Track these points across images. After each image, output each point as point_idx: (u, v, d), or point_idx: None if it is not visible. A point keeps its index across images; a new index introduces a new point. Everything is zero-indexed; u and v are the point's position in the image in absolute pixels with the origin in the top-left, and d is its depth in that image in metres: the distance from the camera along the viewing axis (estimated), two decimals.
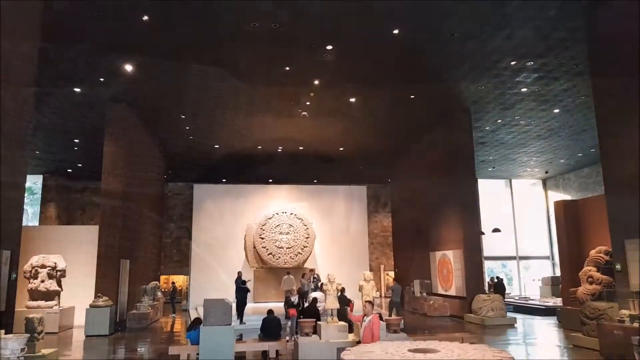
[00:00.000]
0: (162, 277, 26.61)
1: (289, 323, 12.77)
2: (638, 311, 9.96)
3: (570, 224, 17.27)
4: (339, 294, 11.09)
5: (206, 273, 21.67)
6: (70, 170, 26.09)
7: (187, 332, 10.50)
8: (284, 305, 15.25)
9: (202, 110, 17.77)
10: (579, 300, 13.13)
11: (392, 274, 26.94)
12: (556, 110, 17.69)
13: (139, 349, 12.10)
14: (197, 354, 9.33)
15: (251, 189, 23.77)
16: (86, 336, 13.95)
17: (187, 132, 20.25)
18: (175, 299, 20.73)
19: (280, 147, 22.79)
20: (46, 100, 15.87)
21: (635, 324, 9.61)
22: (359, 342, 7.53)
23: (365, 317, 7.43)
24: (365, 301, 7.59)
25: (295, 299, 15.08)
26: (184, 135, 20.74)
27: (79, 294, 15.95)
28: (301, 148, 22.89)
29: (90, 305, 14.56)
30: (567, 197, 25.52)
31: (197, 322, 10.36)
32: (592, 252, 14.12)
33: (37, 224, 25.74)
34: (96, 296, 14.92)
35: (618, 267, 11.50)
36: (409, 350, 5.76)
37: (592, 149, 21.88)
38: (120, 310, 16.23)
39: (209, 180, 26.31)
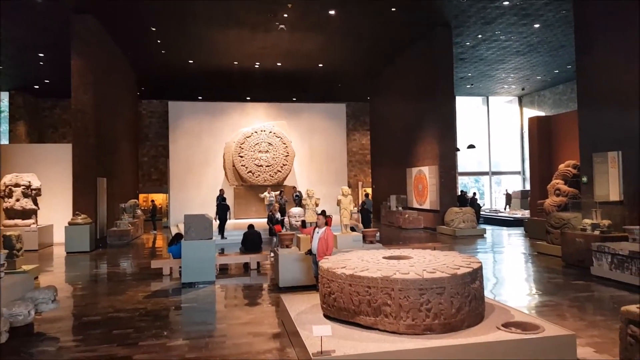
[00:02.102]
0: (141, 196, 26.72)
1: (275, 239, 13.17)
2: (599, 220, 10.56)
3: (542, 140, 17.71)
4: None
5: (185, 191, 21.80)
6: (37, 87, 24.99)
7: (169, 247, 10.78)
8: (268, 223, 15.64)
9: (174, 23, 16.85)
10: (545, 212, 13.79)
11: (369, 190, 27.59)
12: (536, 25, 17.37)
13: (121, 264, 12.42)
14: (180, 267, 9.65)
15: (228, 106, 23.31)
16: (67, 253, 14.19)
17: (159, 46, 19.33)
18: (156, 217, 20.99)
19: (257, 63, 22.08)
20: (5, 11, 14.76)
21: (596, 232, 10.23)
22: (308, 253, 7.78)
23: (317, 229, 7.59)
24: (318, 214, 7.78)
25: (279, 215, 15.45)
26: (156, 50, 19.82)
27: (57, 213, 16.00)
28: (279, 64, 22.23)
29: (69, 223, 14.66)
30: (542, 114, 25.87)
31: (179, 237, 10.61)
32: (561, 166, 14.62)
33: (6, 142, 25.05)
34: (74, 214, 14.99)
35: (584, 179, 12.01)
36: (384, 258, 6.06)
37: (568, 65, 21.86)
38: (100, 228, 16.42)
39: (184, 97, 25.60)
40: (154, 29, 17.43)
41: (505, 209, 26.04)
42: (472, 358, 4.64)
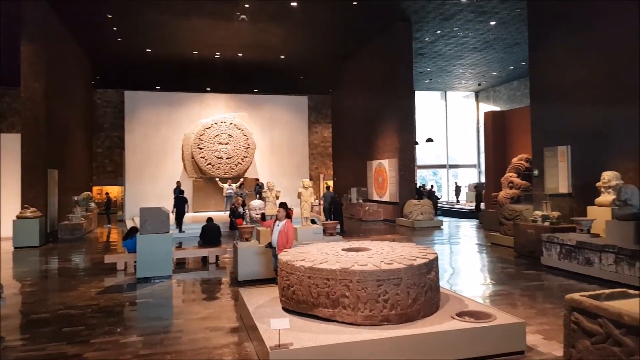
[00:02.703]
0: (95, 188, 25.83)
1: (237, 233, 13.00)
2: (549, 211, 11.00)
3: (497, 134, 18.25)
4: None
5: (142, 183, 21.22)
6: None
7: (124, 241, 10.46)
8: (230, 216, 15.45)
9: (131, 10, 16.26)
10: (499, 204, 14.25)
11: (330, 183, 27.70)
12: (492, 23, 17.82)
13: (73, 259, 11.97)
14: (135, 261, 9.39)
15: (188, 97, 22.79)
16: (15, 248, 13.54)
17: (115, 34, 18.63)
18: (110, 210, 20.34)
19: (218, 54, 21.66)
20: None
21: (546, 223, 10.65)
22: (268, 246, 7.75)
23: (277, 222, 7.55)
24: (279, 207, 7.75)
25: (242, 209, 15.29)
26: (112, 38, 19.10)
27: (5, 206, 15.21)
28: (240, 55, 21.89)
29: (17, 217, 13.99)
30: (497, 109, 26.67)
31: (134, 230, 10.30)
32: (514, 160, 15.13)
33: None
34: (23, 207, 14.31)
35: (536, 172, 12.47)
36: (343, 250, 6.09)
37: (522, 62, 22.58)
38: (51, 222, 15.76)
39: (141, 87, 24.83)
40: (109, 16, 16.78)
41: (456, 201, 26.85)
42: (427, 347, 4.74)
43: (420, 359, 4.68)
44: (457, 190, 27.78)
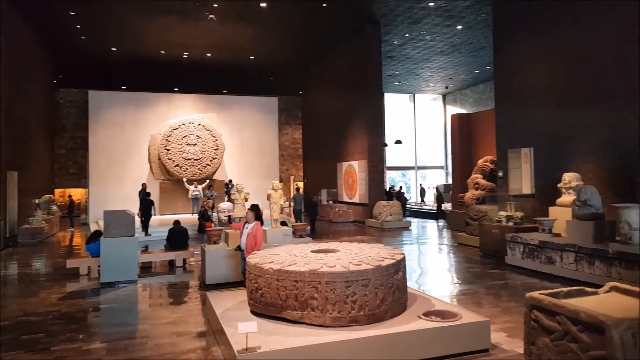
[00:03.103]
0: (57, 191, 25.03)
1: (205, 236, 12.81)
2: (513, 212, 11.30)
3: (463, 136, 18.64)
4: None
5: (107, 186, 20.66)
6: None
7: (87, 245, 10.16)
8: (199, 219, 15.20)
9: (96, 7, 15.84)
10: (465, 204, 14.54)
11: (301, 184, 27.68)
12: (459, 27, 18.20)
13: (33, 264, 11.55)
14: (99, 266, 9.14)
15: (155, 97, 22.34)
16: None
17: (79, 31, 18.10)
18: (73, 213, 19.73)
19: (186, 53, 21.34)
20: None
21: (510, 223, 10.93)
22: (237, 249, 7.70)
23: (246, 225, 7.50)
24: (248, 209, 7.72)
25: (212, 212, 15.06)
26: (75, 36, 18.55)
27: None
28: (209, 55, 21.62)
29: None
30: (463, 112, 27.23)
31: (97, 234, 10.04)
32: (480, 161, 15.48)
33: None
34: None
35: (500, 174, 12.79)
36: (312, 251, 6.09)
37: (488, 66, 23.13)
38: (10, 226, 15.16)
39: (106, 86, 24.20)
40: (73, 13, 16.30)
41: (420, 202, 27.28)
42: (395, 347, 4.78)
43: (387, 359, 4.72)
44: (422, 191, 28.28)
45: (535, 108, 11.53)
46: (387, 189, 22.15)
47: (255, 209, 7.66)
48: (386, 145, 22.10)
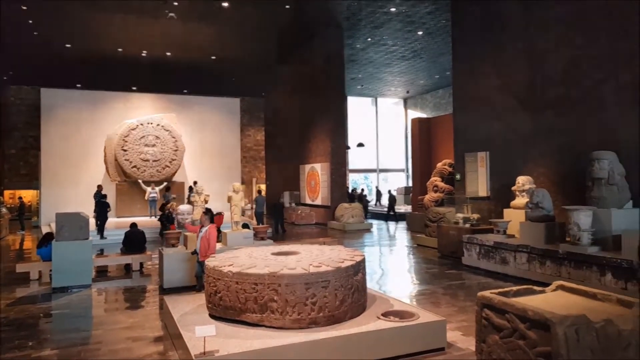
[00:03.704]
0: (7, 192, 23.89)
1: (163, 239, 12.46)
2: (470, 214, 11.62)
3: (423, 140, 19.03)
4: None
5: (60, 187, 19.87)
6: None
7: (38, 249, 9.76)
8: (164, 221, 14.76)
9: (48, 2, 15.23)
10: (424, 207, 14.84)
11: (263, 186, 27.51)
12: (420, 33, 18.60)
13: None
14: (50, 270, 8.79)
15: (111, 96, 21.67)
16: None
17: (31, 27, 17.36)
18: (24, 215, 18.89)
19: (144, 52, 20.84)
20: None
21: (467, 225, 11.24)
22: (194, 252, 7.61)
23: (202, 228, 7.44)
24: (202, 212, 7.65)
25: (175, 215, 14.66)
26: (27, 31, 17.77)
27: None
28: (169, 54, 21.21)
29: None
30: (424, 116, 27.82)
31: (49, 237, 9.66)
32: (439, 165, 15.84)
33: None
34: None
35: (458, 177, 13.13)
36: (272, 254, 6.07)
37: (447, 71, 23.73)
38: None
39: (60, 84, 23.29)
40: (24, 8, 15.62)
41: (375, 204, 27.65)
42: (354, 348, 4.83)
43: None
44: (378, 194, 28.73)
45: (491, 113, 11.91)
46: (349, 192, 22.32)
47: (209, 212, 7.59)
48: (349, 148, 22.29)
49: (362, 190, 25.40)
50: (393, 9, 16.21)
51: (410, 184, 25.34)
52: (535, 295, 4.02)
